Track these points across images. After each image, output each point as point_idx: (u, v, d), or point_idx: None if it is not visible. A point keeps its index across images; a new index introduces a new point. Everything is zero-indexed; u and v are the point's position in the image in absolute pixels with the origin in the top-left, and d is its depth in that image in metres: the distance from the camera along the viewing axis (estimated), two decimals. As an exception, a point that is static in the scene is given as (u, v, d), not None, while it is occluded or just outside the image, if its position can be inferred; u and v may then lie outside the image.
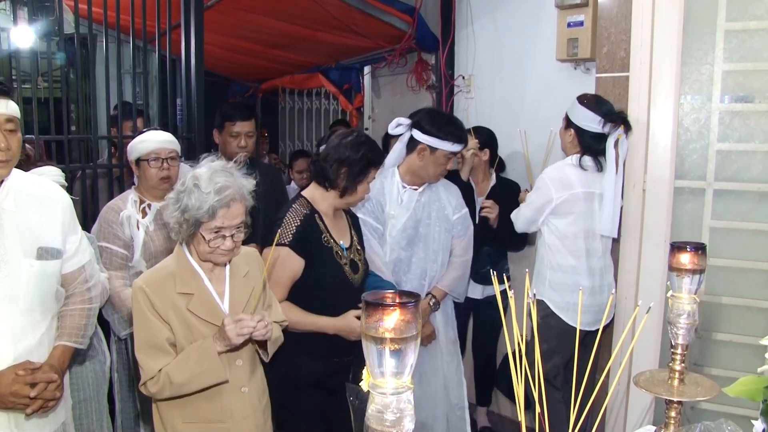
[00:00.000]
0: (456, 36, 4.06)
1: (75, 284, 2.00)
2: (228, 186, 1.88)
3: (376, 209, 2.78)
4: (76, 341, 1.96)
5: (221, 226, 1.90)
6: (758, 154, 2.74)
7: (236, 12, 4.12)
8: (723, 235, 2.82)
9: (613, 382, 1.26)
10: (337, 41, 4.48)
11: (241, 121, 3.21)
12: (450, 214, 2.90)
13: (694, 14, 2.79)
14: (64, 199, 1.95)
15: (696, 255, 1.55)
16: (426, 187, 2.86)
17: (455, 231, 2.92)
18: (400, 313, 0.93)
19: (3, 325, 1.75)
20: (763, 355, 1.35)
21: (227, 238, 1.92)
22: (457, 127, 2.80)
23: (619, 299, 2.97)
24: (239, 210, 1.93)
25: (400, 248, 2.80)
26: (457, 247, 2.93)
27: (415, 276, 2.84)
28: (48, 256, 1.85)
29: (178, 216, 1.91)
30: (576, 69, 3.33)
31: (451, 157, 2.79)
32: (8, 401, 1.73)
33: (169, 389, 1.89)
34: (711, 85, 2.79)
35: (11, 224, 1.79)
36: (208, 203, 1.85)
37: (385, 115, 4.88)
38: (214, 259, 1.97)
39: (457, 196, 2.96)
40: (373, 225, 2.76)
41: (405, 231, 2.80)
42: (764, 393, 1.29)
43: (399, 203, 2.81)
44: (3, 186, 1.80)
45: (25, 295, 1.79)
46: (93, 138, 3.22)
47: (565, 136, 2.93)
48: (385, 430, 0.94)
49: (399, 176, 2.84)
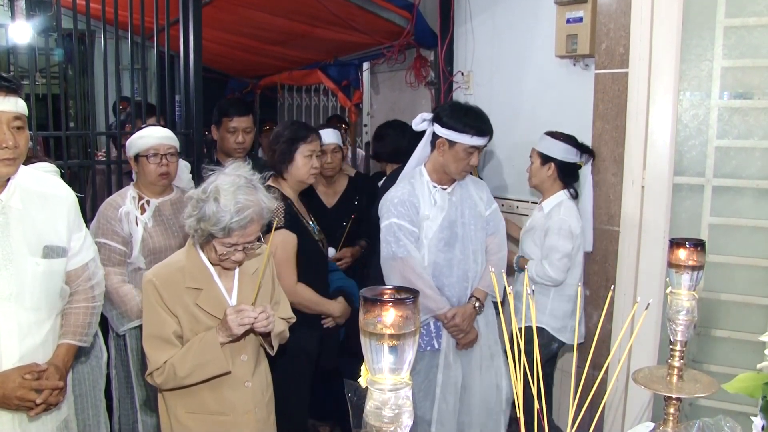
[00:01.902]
0: (455, 32, 4.06)
1: (78, 281, 2.01)
2: (248, 206, 1.88)
3: (411, 212, 2.65)
4: (81, 339, 1.98)
5: (235, 243, 1.91)
6: (757, 150, 2.74)
7: (235, 8, 4.12)
8: (722, 231, 2.82)
9: (611, 379, 1.26)
10: (336, 37, 4.48)
11: (239, 116, 3.20)
12: (482, 210, 2.81)
13: (693, 10, 2.78)
14: (69, 196, 1.96)
15: (695, 251, 1.55)
16: (456, 186, 2.76)
17: (488, 228, 2.83)
18: (398, 309, 0.93)
19: (9, 324, 1.76)
20: (762, 351, 1.35)
21: (239, 252, 1.95)
22: (477, 118, 2.67)
23: (617, 296, 2.97)
24: (255, 229, 1.94)
25: (438, 251, 2.69)
26: (491, 244, 2.83)
27: (457, 279, 2.73)
28: (54, 255, 1.86)
29: (194, 223, 1.91)
30: (575, 65, 3.32)
31: (472, 152, 2.64)
32: (13, 404, 1.74)
33: (173, 380, 1.92)
34: (710, 82, 2.79)
35: (18, 222, 1.79)
36: (225, 222, 1.86)
37: (384, 111, 4.88)
38: (224, 266, 2.01)
39: (487, 191, 2.87)
40: (409, 229, 2.64)
41: (441, 232, 2.69)
42: (763, 389, 1.29)
43: (432, 204, 2.70)
44: (9, 184, 1.80)
45: (31, 293, 1.80)
46: (91, 134, 3.22)
47: (542, 172, 2.96)
48: (383, 427, 0.94)
49: (427, 175, 2.73)
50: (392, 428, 0.94)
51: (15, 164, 1.75)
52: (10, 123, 1.71)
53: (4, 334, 1.75)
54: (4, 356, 1.75)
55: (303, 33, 4.53)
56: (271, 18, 4.25)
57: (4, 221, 1.77)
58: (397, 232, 2.63)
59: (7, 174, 1.76)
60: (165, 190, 2.68)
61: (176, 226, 2.64)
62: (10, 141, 1.70)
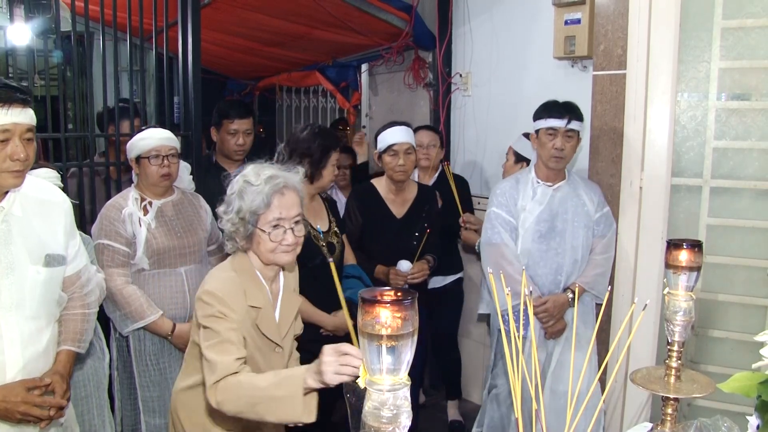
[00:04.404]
0: (453, 33, 4.06)
1: (73, 288, 2.00)
2: (277, 175, 1.86)
3: (509, 203, 2.87)
4: (78, 346, 1.98)
5: (279, 217, 1.83)
6: (754, 151, 2.74)
7: (233, 9, 4.12)
8: (719, 232, 2.82)
9: (609, 379, 1.26)
10: (335, 39, 4.48)
11: (239, 118, 3.20)
12: (591, 211, 2.85)
13: (690, 11, 2.79)
14: (65, 203, 1.95)
15: (692, 252, 1.55)
16: (563, 184, 2.86)
17: (597, 230, 2.87)
18: (397, 310, 0.94)
19: (11, 333, 1.75)
20: (759, 351, 1.35)
21: (288, 232, 1.85)
22: (553, 103, 2.81)
23: (615, 296, 2.98)
24: (294, 199, 1.88)
25: (533, 241, 2.82)
26: (597, 245, 2.88)
27: (549, 270, 2.83)
28: (54, 263, 1.85)
29: (233, 218, 1.84)
30: (573, 66, 3.33)
31: (552, 134, 2.76)
32: (15, 418, 1.74)
33: (235, 402, 1.65)
34: (708, 83, 2.80)
35: (19, 230, 1.79)
36: (261, 192, 1.81)
37: (382, 112, 4.88)
38: (278, 259, 1.88)
39: (599, 194, 2.92)
40: (505, 218, 2.86)
41: (538, 224, 2.81)
42: (759, 389, 1.29)
43: (532, 197, 2.85)
44: (10, 192, 1.79)
45: (31, 302, 1.79)
46: (90, 136, 3.22)
47: (515, 170, 3.23)
48: (382, 427, 0.95)
49: (534, 172, 2.89)
50: (391, 428, 0.95)
51: (23, 176, 1.76)
52: (22, 135, 1.71)
53: (6, 343, 1.75)
54: (8, 365, 1.75)
55: (301, 34, 4.53)
56: (270, 19, 4.26)
57: (6, 229, 1.76)
58: (494, 220, 2.87)
59: (16, 185, 1.76)
60: (167, 192, 2.69)
61: (179, 227, 2.64)
62: (22, 154, 1.70)
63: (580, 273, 2.84)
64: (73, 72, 3.28)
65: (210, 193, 2.78)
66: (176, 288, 2.62)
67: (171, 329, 2.56)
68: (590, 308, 2.89)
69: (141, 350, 2.59)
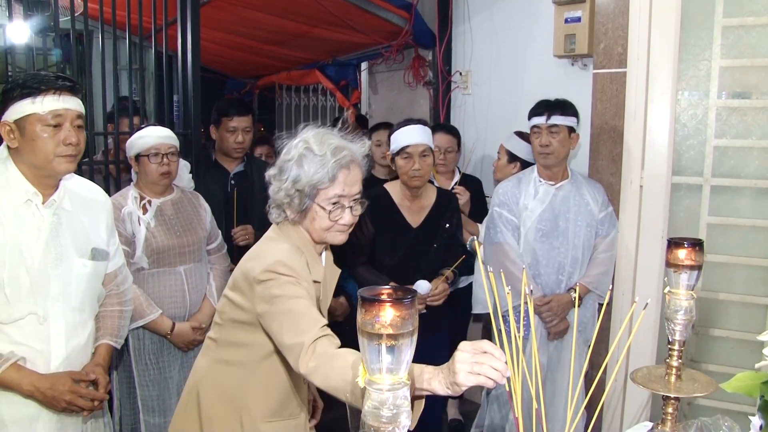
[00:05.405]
0: (453, 32, 4.06)
1: (111, 285, 2.05)
2: (344, 147, 1.68)
3: (511, 201, 2.88)
4: (116, 341, 2.02)
5: (341, 194, 1.66)
6: (755, 150, 2.74)
7: (233, 8, 4.11)
8: (720, 231, 2.82)
9: (610, 378, 1.26)
10: (334, 37, 4.48)
11: (238, 116, 3.20)
12: (595, 211, 2.84)
13: (691, 10, 2.78)
14: (107, 202, 2.02)
15: (693, 251, 1.55)
16: (566, 183, 2.85)
17: (601, 229, 2.86)
18: (396, 309, 0.93)
19: (57, 323, 1.80)
20: (760, 351, 1.35)
21: (347, 210, 1.69)
22: (540, 102, 2.84)
23: (616, 295, 2.98)
24: (358, 175, 1.70)
25: (535, 240, 2.82)
26: (600, 245, 2.87)
27: (552, 270, 2.82)
28: (99, 258, 1.91)
29: (289, 187, 1.65)
30: (573, 65, 3.33)
31: (537, 131, 2.80)
32: (60, 407, 1.78)
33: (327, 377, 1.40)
34: (708, 81, 2.79)
35: (68, 224, 1.84)
36: (326, 166, 1.63)
37: (382, 111, 4.88)
38: (332, 238, 1.72)
39: (603, 194, 2.91)
40: (507, 217, 2.87)
41: (540, 223, 2.82)
42: (761, 389, 1.29)
43: (534, 196, 2.85)
44: (60, 185, 1.84)
45: (76, 294, 1.84)
46: (89, 134, 3.20)
47: (507, 169, 3.23)
48: (381, 427, 0.94)
49: (537, 172, 2.89)
50: (390, 428, 0.94)
51: (75, 162, 1.81)
52: (74, 121, 1.77)
53: (53, 332, 1.79)
54: (53, 355, 1.79)
55: (301, 33, 4.53)
56: (269, 18, 4.25)
57: (56, 221, 1.82)
58: (497, 220, 2.88)
59: (69, 171, 1.81)
60: (166, 190, 2.68)
61: (178, 226, 2.64)
62: (74, 138, 1.76)
63: (581, 272, 2.84)
64: (73, 70, 3.27)
65: (209, 192, 2.77)
66: (175, 287, 2.61)
67: (170, 328, 2.56)
68: (593, 309, 2.90)
69: (140, 349, 2.59)
